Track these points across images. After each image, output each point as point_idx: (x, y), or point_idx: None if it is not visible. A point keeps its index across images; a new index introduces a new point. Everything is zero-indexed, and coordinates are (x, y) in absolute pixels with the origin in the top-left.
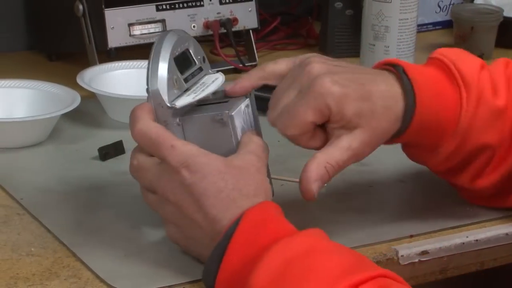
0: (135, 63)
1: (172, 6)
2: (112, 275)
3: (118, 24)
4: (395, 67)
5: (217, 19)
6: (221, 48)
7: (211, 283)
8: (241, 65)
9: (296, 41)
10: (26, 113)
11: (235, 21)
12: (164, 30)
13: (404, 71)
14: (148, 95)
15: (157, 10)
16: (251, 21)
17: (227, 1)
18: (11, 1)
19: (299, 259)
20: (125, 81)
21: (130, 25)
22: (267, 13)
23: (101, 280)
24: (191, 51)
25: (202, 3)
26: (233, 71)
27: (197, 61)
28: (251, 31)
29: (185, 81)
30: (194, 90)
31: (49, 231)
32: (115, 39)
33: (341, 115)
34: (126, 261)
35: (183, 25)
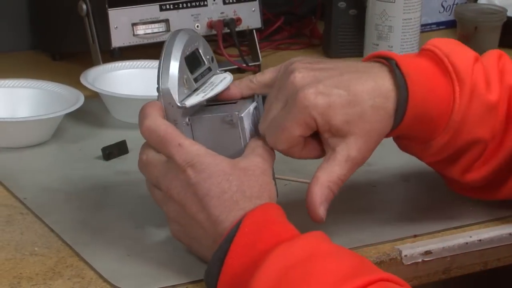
0: (138, 62)
1: (175, 6)
2: (115, 274)
3: (121, 23)
4: (388, 60)
5: (221, 19)
6: (225, 48)
7: (213, 286)
8: (244, 65)
9: (299, 40)
10: (29, 112)
11: (238, 21)
12: (167, 30)
13: (397, 64)
14: (158, 94)
15: (161, 10)
16: (255, 21)
17: (231, 1)
18: (14, 0)
19: (300, 264)
20: (128, 81)
21: (133, 24)
22: (270, 13)
23: (105, 280)
24: (201, 51)
25: (205, 3)
26: (237, 71)
27: (206, 61)
28: (254, 31)
29: (195, 80)
30: (203, 89)
31: (52, 231)
32: (119, 38)
33: (329, 125)
34: (129, 261)
35: (187, 25)
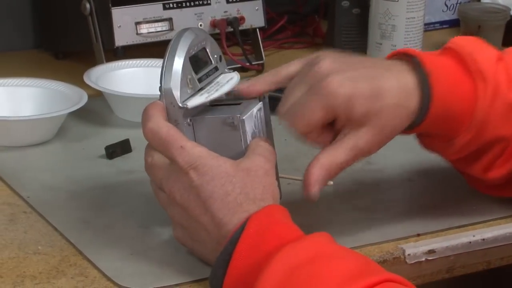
0: (142, 61)
1: (179, 4)
2: (119, 273)
3: (125, 22)
4: (411, 58)
5: (224, 17)
6: (228, 47)
7: None
8: (248, 64)
9: (303, 39)
10: (33, 111)
11: (242, 19)
12: (171, 29)
13: (419, 62)
14: (160, 93)
15: (164, 8)
16: (258, 19)
17: None
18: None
19: (305, 265)
20: (132, 80)
21: (137, 23)
22: (274, 12)
23: (108, 278)
24: (208, 50)
25: (209, 1)
26: (240, 69)
27: (213, 60)
28: (258, 30)
29: (199, 80)
30: (207, 89)
31: (56, 230)
32: (122, 37)
33: (348, 115)
34: (133, 259)
35: (190, 23)
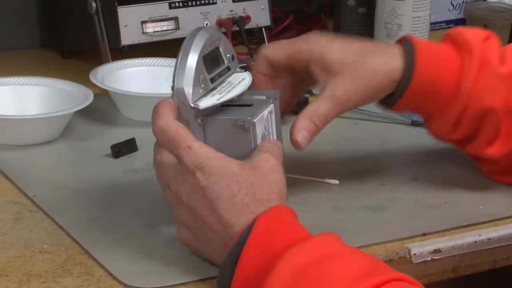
0: (148, 60)
1: (185, 3)
2: (124, 272)
3: (131, 21)
4: (402, 40)
5: (230, 17)
6: (234, 46)
7: None
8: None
9: None
10: (39, 110)
11: (247, 19)
12: (177, 28)
13: (407, 38)
14: (172, 93)
15: (170, 7)
16: (264, 19)
17: None
18: None
19: (312, 266)
20: (138, 79)
21: (143, 22)
22: (279, 11)
23: (114, 277)
24: (221, 50)
25: (215, 1)
26: (246, 69)
27: (225, 60)
28: (263, 29)
29: (212, 80)
30: (219, 90)
31: (61, 228)
32: (128, 36)
33: (323, 60)
34: (138, 258)
35: (196, 22)
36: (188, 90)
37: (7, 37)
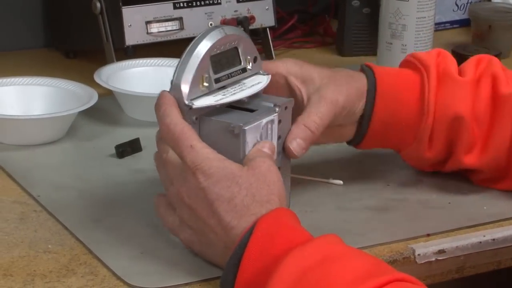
0: (152, 60)
1: (189, 4)
2: (128, 272)
3: (135, 21)
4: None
5: (234, 17)
6: None
7: None
8: None
9: (313, 39)
10: (43, 110)
11: (252, 19)
12: (181, 28)
13: (367, 65)
14: (170, 87)
15: (174, 8)
16: (268, 19)
17: None
18: None
19: (313, 269)
20: (142, 79)
21: (147, 23)
22: (284, 11)
23: (118, 277)
24: (239, 50)
25: (219, 1)
26: None
27: (243, 61)
28: (268, 29)
29: (218, 80)
30: (226, 91)
31: (66, 228)
32: (133, 36)
33: (302, 74)
34: (142, 258)
35: (200, 23)
36: (184, 87)
37: (12, 37)
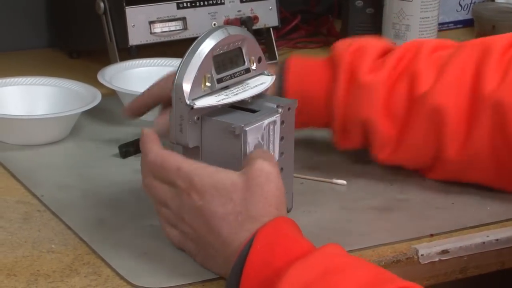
0: (155, 60)
1: (192, 4)
2: (132, 272)
3: (139, 21)
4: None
5: (238, 17)
6: None
7: None
8: None
9: (316, 39)
10: (47, 110)
11: (255, 19)
12: (184, 28)
13: (284, 60)
14: (172, 87)
15: (178, 8)
16: (272, 19)
17: None
18: None
19: (316, 282)
20: (145, 79)
21: (151, 22)
22: (287, 11)
23: (121, 277)
24: (243, 51)
25: (223, 1)
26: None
27: (246, 61)
28: (271, 29)
29: (220, 81)
30: (229, 91)
31: (69, 228)
32: (136, 36)
33: None
34: (146, 258)
35: (204, 23)
36: (186, 87)
37: (16, 37)
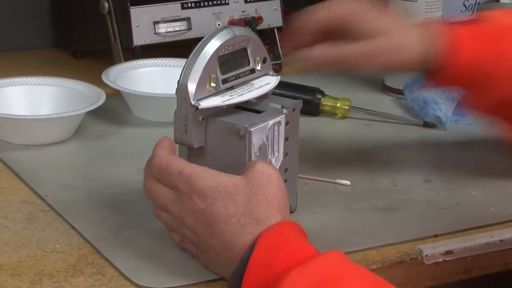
0: (160, 61)
1: (197, 4)
2: (136, 272)
3: (143, 22)
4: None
5: (242, 17)
6: None
7: None
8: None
9: None
10: (51, 110)
11: (260, 19)
12: (189, 28)
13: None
14: (177, 87)
15: (182, 8)
16: (276, 19)
17: None
18: None
19: None
20: (150, 79)
21: (155, 23)
22: (291, 11)
23: (125, 277)
24: (248, 51)
25: (227, 1)
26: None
27: (251, 62)
28: (275, 30)
29: (225, 81)
30: (234, 91)
31: (73, 228)
32: (140, 37)
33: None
34: (150, 258)
35: (208, 23)
36: (191, 87)
37: (20, 37)
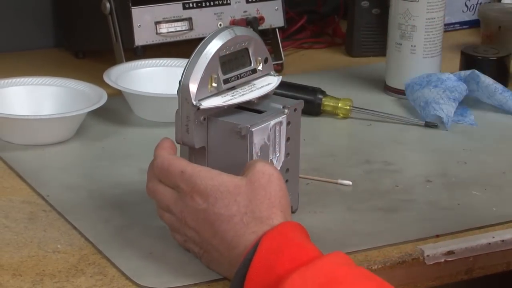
0: (161, 61)
1: (198, 4)
2: (137, 272)
3: (145, 22)
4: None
5: (244, 17)
6: None
7: None
8: None
9: (322, 39)
10: (53, 110)
11: (261, 19)
12: (190, 28)
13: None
14: (178, 87)
15: (184, 8)
16: (278, 19)
17: None
18: None
19: None
20: (151, 79)
21: (156, 23)
22: (293, 11)
23: (127, 277)
24: (250, 51)
25: (228, 1)
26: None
27: (253, 62)
28: (277, 30)
29: (226, 81)
30: (235, 91)
31: (75, 228)
32: (142, 37)
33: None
34: (152, 258)
35: (210, 23)
36: (193, 87)
37: (22, 37)
